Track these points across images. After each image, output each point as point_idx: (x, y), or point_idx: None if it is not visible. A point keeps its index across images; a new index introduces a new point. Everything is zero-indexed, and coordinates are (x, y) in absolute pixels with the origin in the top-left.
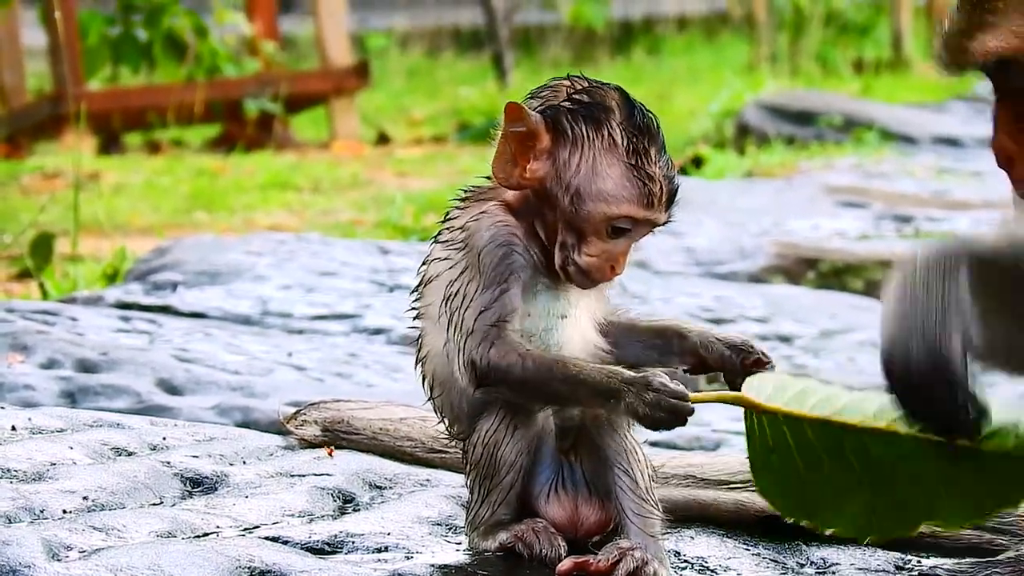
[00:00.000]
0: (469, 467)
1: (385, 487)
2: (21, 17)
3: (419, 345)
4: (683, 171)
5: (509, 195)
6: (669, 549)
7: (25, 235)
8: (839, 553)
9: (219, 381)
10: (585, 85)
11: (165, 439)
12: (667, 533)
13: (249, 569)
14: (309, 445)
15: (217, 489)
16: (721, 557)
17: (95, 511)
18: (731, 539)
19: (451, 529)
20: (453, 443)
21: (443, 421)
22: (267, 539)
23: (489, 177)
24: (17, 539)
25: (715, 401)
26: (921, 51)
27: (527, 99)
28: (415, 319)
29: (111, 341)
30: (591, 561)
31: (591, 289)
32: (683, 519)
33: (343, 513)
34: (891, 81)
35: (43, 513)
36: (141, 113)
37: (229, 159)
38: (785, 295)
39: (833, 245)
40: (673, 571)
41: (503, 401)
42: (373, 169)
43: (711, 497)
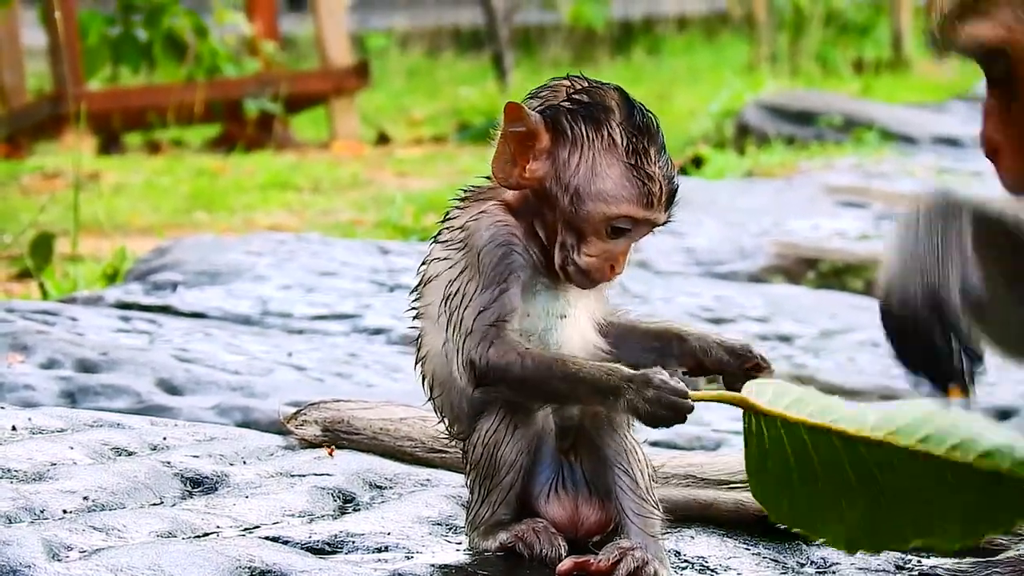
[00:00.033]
0: (469, 467)
1: (385, 487)
2: (21, 17)
3: (419, 345)
4: (683, 171)
5: (509, 195)
6: (669, 549)
7: (25, 235)
8: (839, 553)
9: (219, 381)
10: (585, 85)
11: (165, 439)
12: (667, 533)
13: (249, 569)
14: (309, 445)
15: (217, 489)
16: (721, 557)
17: (95, 511)
18: (731, 539)
19: (451, 529)
20: (453, 443)
21: (443, 421)
22: (267, 539)
23: (489, 177)
24: (17, 539)
25: (715, 400)
26: (921, 51)
27: (527, 99)
28: (414, 319)
29: (111, 341)
30: (591, 561)
31: (591, 289)
32: (683, 519)
33: (343, 513)
34: (891, 81)
35: (43, 513)
36: (141, 113)
37: (229, 159)
38: (785, 295)
39: (833, 245)
40: (673, 571)
41: (503, 401)
42: (373, 169)
43: (711, 497)
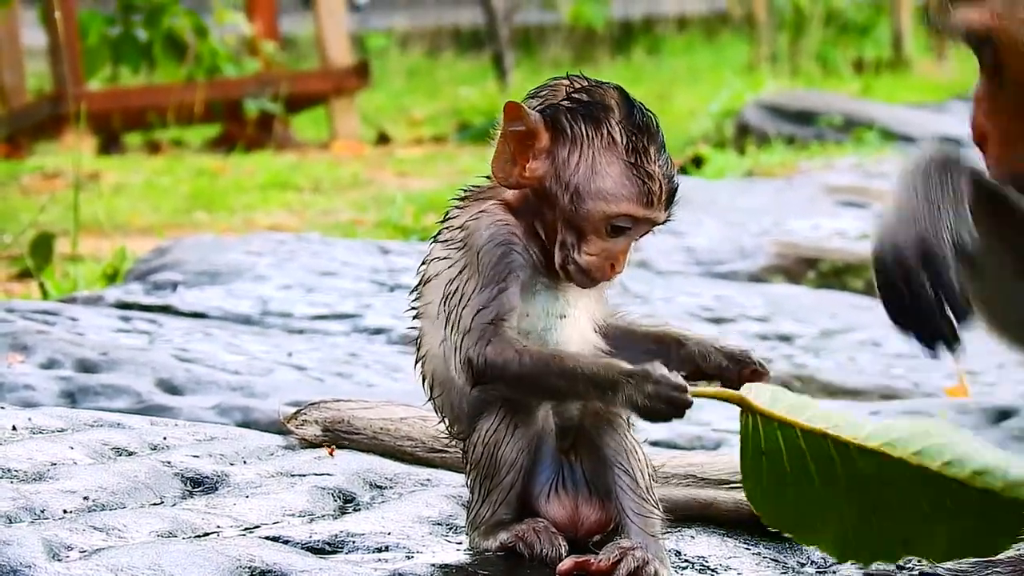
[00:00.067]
0: (469, 467)
1: (386, 487)
2: (21, 17)
3: (418, 345)
4: (683, 171)
5: (509, 194)
6: (669, 548)
7: (25, 235)
8: None
9: (219, 381)
10: (584, 84)
11: (165, 439)
12: (667, 532)
13: (250, 569)
14: (309, 445)
15: (217, 489)
16: (721, 556)
17: (95, 511)
18: (731, 538)
19: (452, 529)
20: (453, 443)
21: (443, 421)
22: (268, 539)
23: (489, 177)
24: (18, 539)
25: (713, 397)
26: (921, 51)
27: (527, 99)
28: (414, 319)
29: (111, 341)
30: (592, 561)
31: (590, 289)
32: (683, 518)
33: (344, 513)
34: (891, 81)
35: (43, 513)
36: (141, 113)
37: (229, 159)
38: (785, 295)
39: (833, 245)
40: (673, 570)
41: (503, 400)
42: (373, 169)
43: (711, 496)
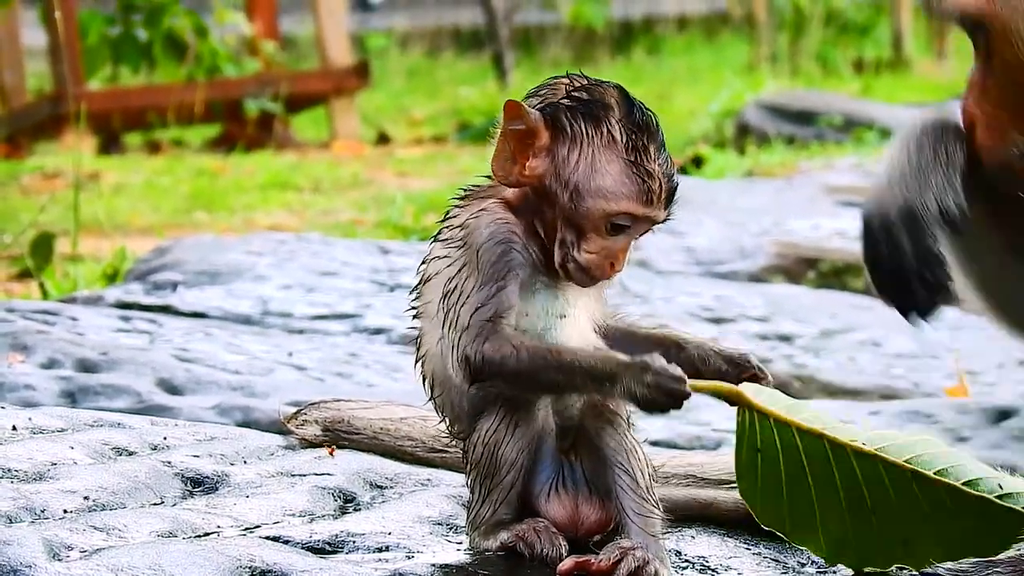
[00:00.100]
0: (470, 467)
1: (386, 487)
2: (21, 17)
3: (418, 344)
4: (683, 171)
5: (509, 193)
6: (670, 548)
7: (25, 235)
8: None
9: (219, 381)
10: (584, 83)
11: (166, 439)
12: (668, 532)
13: (250, 569)
14: (310, 445)
15: (218, 489)
16: (722, 556)
17: (96, 511)
18: (732, 538)
19: (452, 529)
20: (453, 443)
21: (444, 420)
22: (268, 539)
23: (489, 176)
24: (18, 539)
25: (711, 391)
26: (921, 51)
27: (526, 97)
28: (414, 319)
29: (111, 341)
30: (592, 561)
31: (590, 288)
32: (684, 518)
33: (344, 513)
34: (891, 81)
35: (44, 513)
36: (141, 113)
37: (229, 159)
38: (785, 295)
39: (833, 245)
40: (674, 570)
41: (503, 400)
42: (373, 169)
43: (711, 496)
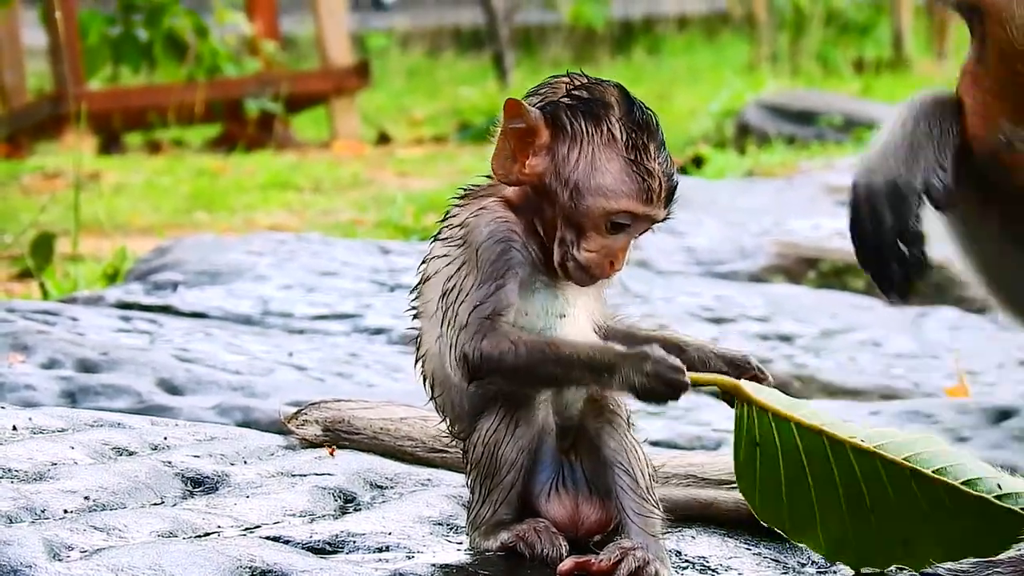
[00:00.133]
0: (470, 467)
1: (386, 487)
2: (21, 17)
3: (418, 344)
4: (683, 171)
5: (509, 192)
6: (670, 549)
7: (25, 235)
8: None
9: (220, 381)
10: (584, 81)
11: (166, 439)
12: (668, 532)
13: (250, 569)
14: (310, 445)
15: (218, 489)
16: (722, 557)
17: (96, 511)
18: (732, 539)
19: (452, 529)
20: (454, 443)
21: (444, 420)
22: (268, 539)
23: (489, 176)
24: (18, 539)
25: (710, 383)
26: (921, 51)
27: (527, 96)
28: (414, 318)
29: (111, 341)
30: (593, 561)
31: (590, 287)
32: (684, 518)
33: (344, 513)
34: (891, 81)
35: (44, 513)
36: (141, 113)
37: (229, 159)
38: (786, 294)
39: (834, 244)
40: (674, 571)
41: (503, 400)
42: (374, 169)
43: (712, 496)
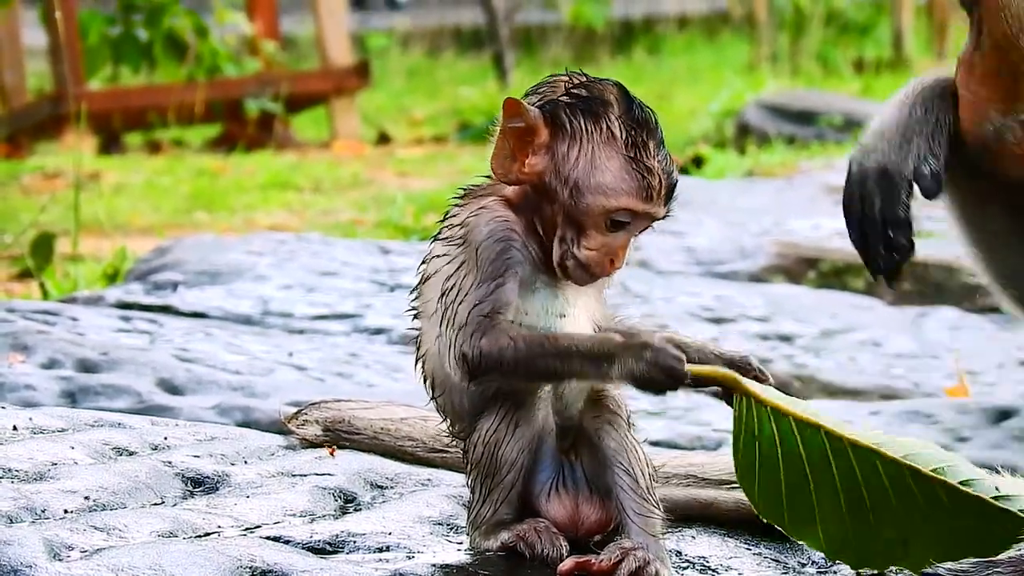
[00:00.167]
0: (470, 466)
1: (386, 487)
2: (21, 17)
3: (418, 344)
4: (683, 171)
5: (508, 191)
6: (670, 549)
7: (25, 235)
8: None
9: (220, 381)
10: (583, 80)
11: (166, 439)
12: (668, 532)
13: (251, 569)
14: (310, 445)
15: (218, 489)
16: (722, 557)
17: (96, 511)
18: (732, 539)
19: (452, 529)
20: (454, 442)
21: (444, 420)
22: (268, 539)
23: (489, 176)
24: (18, 539)
25: (709, 375)
26: (921, 51)
27: (526, 95)
28: (414, 318)
29: (111, 341)
30: (593, 561)
31: (590, 286)
32: (684, 518)
33: (344, 513)
34: (892, 81)
35: (44, 513)
36: (141, 113)
37: (229, 159)
38: (786, 294)
39: (834, 244)
40: (674, 571)
41: (503, 399)
42: (374, 169)
43: (712, 496)
